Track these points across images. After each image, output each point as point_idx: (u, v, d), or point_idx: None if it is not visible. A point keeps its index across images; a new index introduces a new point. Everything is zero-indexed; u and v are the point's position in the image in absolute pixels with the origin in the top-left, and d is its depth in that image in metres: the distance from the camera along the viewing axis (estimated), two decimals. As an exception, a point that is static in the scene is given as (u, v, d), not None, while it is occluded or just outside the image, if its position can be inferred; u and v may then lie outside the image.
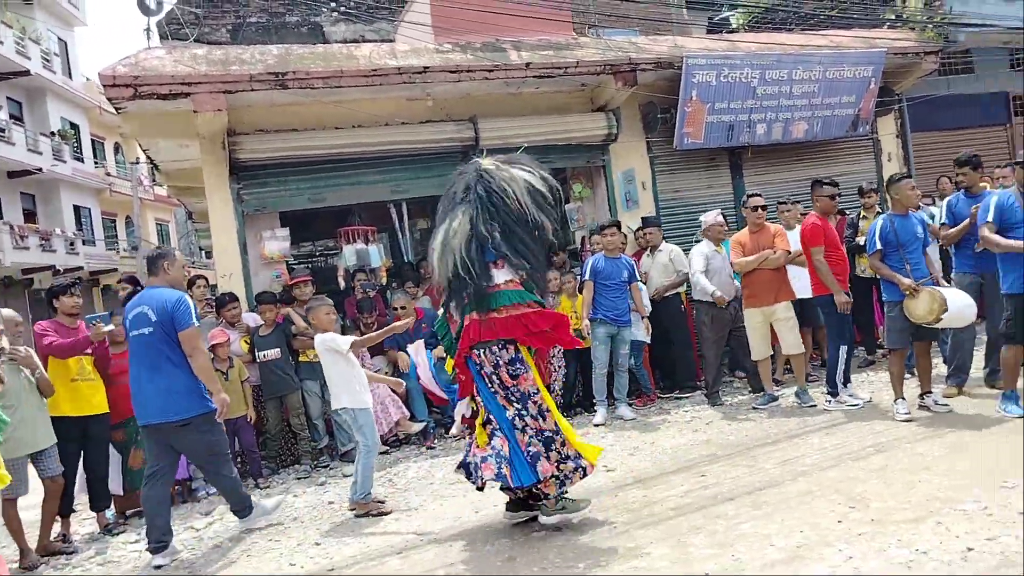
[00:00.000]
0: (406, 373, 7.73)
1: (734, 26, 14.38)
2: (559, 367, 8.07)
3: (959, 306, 6.00)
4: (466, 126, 8.77)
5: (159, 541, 5.18)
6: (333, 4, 14.81)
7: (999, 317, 6.22)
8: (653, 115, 9.48)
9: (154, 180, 29.74)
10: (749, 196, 7.61)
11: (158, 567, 5.08)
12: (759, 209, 7.38)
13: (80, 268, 26.36)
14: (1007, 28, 10.96)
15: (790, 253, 7.31)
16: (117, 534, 6.06)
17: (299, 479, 7.00)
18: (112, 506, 6.43)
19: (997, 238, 5.78)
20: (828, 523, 4.24)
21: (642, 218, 9.22)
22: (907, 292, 6.14)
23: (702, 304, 7.80)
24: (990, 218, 5.91)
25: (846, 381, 7.11)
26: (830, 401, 7.00)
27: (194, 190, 11.15)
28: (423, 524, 5.23)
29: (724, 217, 8.16)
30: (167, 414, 5.19)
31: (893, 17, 11.26)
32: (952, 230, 6.86)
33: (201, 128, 8.05)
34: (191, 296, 7.44)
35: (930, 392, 6.45)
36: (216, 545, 5.44)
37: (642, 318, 7.97)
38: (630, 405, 7.90)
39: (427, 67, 8.28)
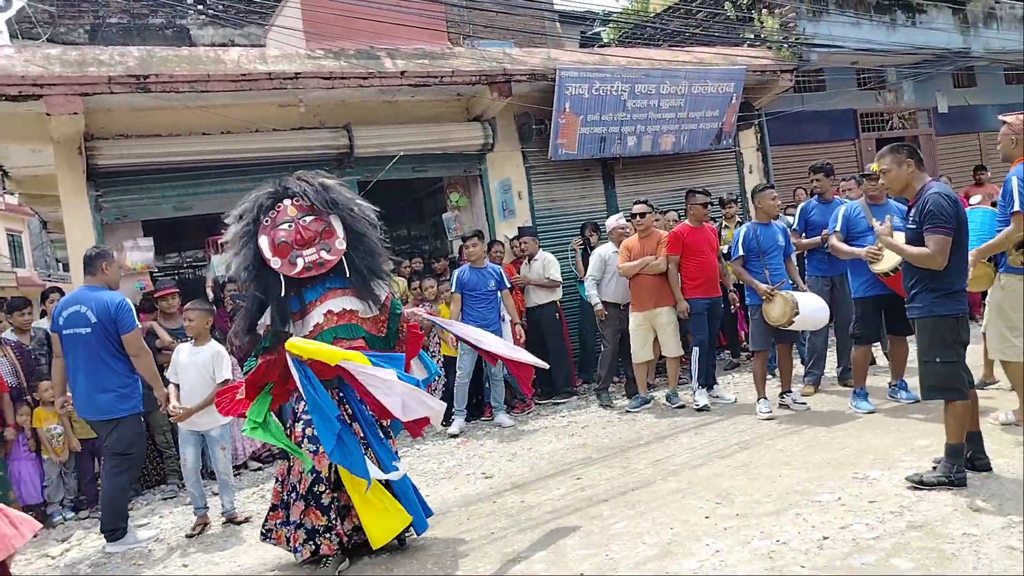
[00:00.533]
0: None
1: (605, 41, 14.82)
2: (438, 376, 8.04)
3: (811, 309, 6.40)
4: (340, 133, 8.63)
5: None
6: (200, 7, 14.33)
7: (848, 318, 6.67)
8: (528, 126, 9.62)
9: (3, 188, 27.80)
10: (635, 203, 7.83)
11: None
12: (637, 216, 7.60)
13: (-81, 282, 24.37)
14: (854, 50, 11.74)
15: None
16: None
17: (166, 499, 6.69)
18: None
19: (842, 246, 6.16)
20: (697, 519, 4.40)
21: (519, 228, 9.34)
22: (764, 297, 6.49)
23: (604, 302, 7.91)
24: (838, 227, 6.33)
25: (711, 383, 7.43)
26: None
27: (49, 198, 10.50)
28: (298, 539, 5.08)
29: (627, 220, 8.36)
30: (99, 413, 5.32)
31: (752, 36, 11.85)
32: (804, 241, 7.28)
33: (55, 132, 7.60)
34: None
35: (789, 391, 6.80)
36: (73, 573, 5.12)
37: (513, 324, 7.98)
38: (508, 412, 7.95)
39: (299, 73, 8.11)
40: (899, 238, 4.65)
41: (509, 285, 8.10)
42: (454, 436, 7.42)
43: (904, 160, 4.51)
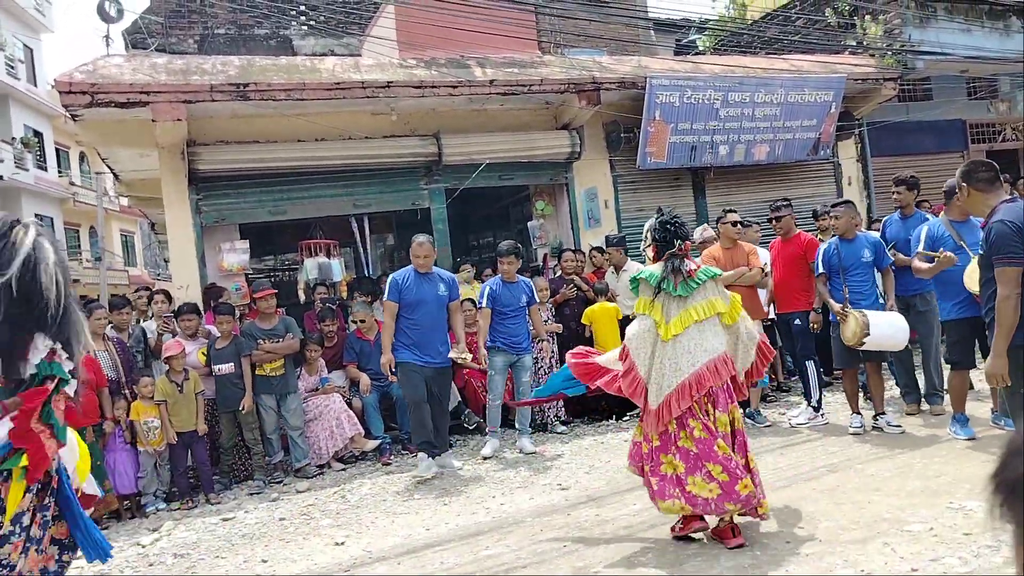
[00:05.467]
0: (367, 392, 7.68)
1: (700, 49, 14.58)
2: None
3: (884, 330, 6.12)
4: (430, 142, 8.75)
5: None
6: (303, 18, 14.79)
7: (928, 339, 6.67)
8: (616, 134, 9.54)
9: (115, 190, 29.32)
10: (726, 212, 7.59)
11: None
12: (738, 225, 7.39)
13: (40, 278, 25.83)
14: (964, 57, 11.19)
15: (764, 271, 7.31)
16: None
17: (252, 495, 6.87)
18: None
19: (924, 264, 5.94)
20: (778, 543, 4.24)
21: (605, 237, 9.23)
22: (837, 315, 6.36)
23: None
24: (921, 247, 6.01)
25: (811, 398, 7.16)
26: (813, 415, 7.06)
27: (155, 201, 11.01)
28: (372, 541, 5.15)
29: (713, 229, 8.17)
30: None
31: (854, 43, 11.45)
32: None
33: (160, 138, 7.96)
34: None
35: (883, 413, 6.49)
36: (160, 563, 5.31)
37: (540, 341, 7.61)
38: (532, 437, 7.48)
39: (391, 82, 8.27)
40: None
41: (538, 300, 7.67)
42: (487, 459, 7.04)
43: (960, 184, 4.32)
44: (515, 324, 7.31)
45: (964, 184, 4.29)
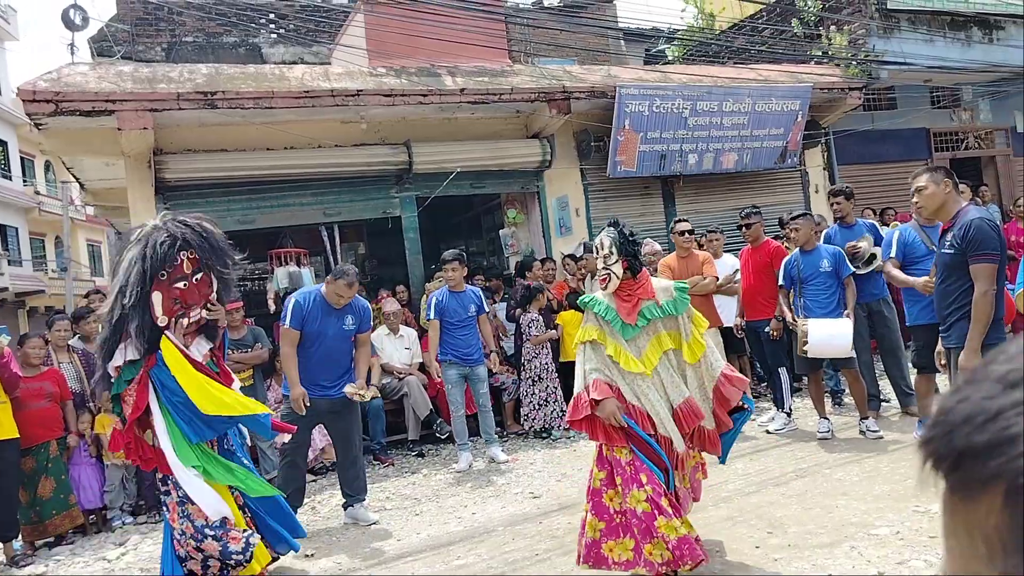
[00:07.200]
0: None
1: (670, 58, 14.69)
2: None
3: (820, 337, 6.24)
4: (400, 150, 8.73)
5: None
6: (272, 26, 14.70)
7: (892, 344, 6.84)
8: (587, 143, 9.58)
9: (82, 200, 28.87)
10: (677, 221, 7.67)
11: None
12: (686, 234, 7.44)
13: (5, 289, 25.46)
14: (927, 67, 11.38)
15: (718, 280, 7.39)
16: (24, 566, 5.78)
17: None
18: (20, 536, 6.14)
19: (898, 273, 5.91)
20: (747, 548, 4.27)
21: (583, 243, 9.26)
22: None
23: None
24: (892, 253, 6.06)
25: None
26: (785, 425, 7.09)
27: (121, 210, 10.87)
28: (342, 553, 5.11)
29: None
30: None
31: (820, 54, 11.61)
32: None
33: (126, 146, 7.86)
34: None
35: (865, 418, 6.52)
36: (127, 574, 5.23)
37: (489, 353, 7.34)
38: (502, 446, 7.47)
39: (361, 90, 8.24)
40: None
41: (487, 310, 7.51)
42: (460, 472, 6.88)
43: (942, 180, 4.38)
44: (464, 335, 7.11)
45: (948, 180, 4.37)
